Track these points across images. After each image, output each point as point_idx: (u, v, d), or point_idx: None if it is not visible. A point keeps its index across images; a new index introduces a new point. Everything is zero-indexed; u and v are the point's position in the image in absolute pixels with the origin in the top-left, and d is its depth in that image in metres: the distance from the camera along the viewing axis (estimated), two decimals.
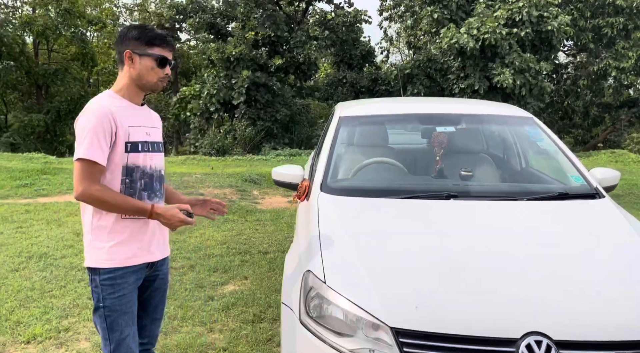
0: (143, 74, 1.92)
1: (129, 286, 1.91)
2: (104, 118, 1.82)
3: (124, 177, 1.88)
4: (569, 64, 19.23)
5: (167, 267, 2.15)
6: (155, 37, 1.92)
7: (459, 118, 3.28)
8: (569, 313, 1.72)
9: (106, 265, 1.87)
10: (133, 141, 1.90)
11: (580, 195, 2.57)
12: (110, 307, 1.88)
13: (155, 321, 2.14)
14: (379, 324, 1.76)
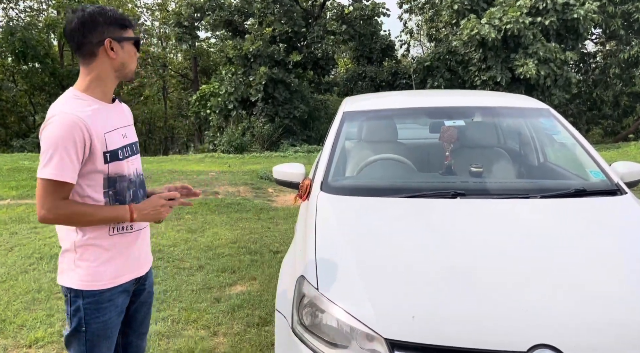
0: (126, 62, 1.69)
1: (116, 308, 1.73)
2: (74, 129, 1.56)
3: (106, 189, 1.66)
4: (597, 53, 18.55)
5: (151, 280, 1.98)
6: (125, 18, 1.69)
7: (469, 111, 3.10)
8: (581, 324, 1.55)
9: (93, 287, 1.67)
10: (112, 149, 1.66)
11: (600, 191, 2.38)
12: (94, 332, 1.69)
13: (141, 335, 1.98)
14: (374, 335, 1.63)
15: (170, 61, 28.06)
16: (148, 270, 1.90)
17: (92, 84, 1.68)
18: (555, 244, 1.95)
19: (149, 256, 1.91)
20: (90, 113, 1.62)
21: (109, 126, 1.68)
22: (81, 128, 1.57)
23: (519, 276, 1.75)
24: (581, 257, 1.86)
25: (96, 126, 1.62)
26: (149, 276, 1.94)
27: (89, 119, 1.61)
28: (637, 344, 1.50)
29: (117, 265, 1.72)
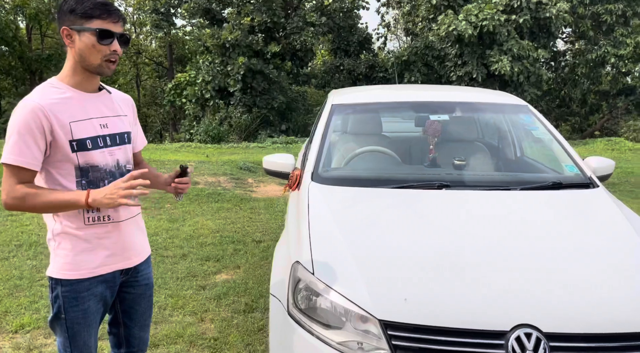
0: (84, 55, 1.62)
1: (94, 297, 1.72)
2: (32, 115, 1.56)
3: (79, 179, 1.65)
4: (567, 52, 19.11)
5: (149, 270, 1.95)
6: (93, 7, 1.60)
7: (453, 106, 3.23)
8: (559, 306, 1.69)
9: (69, 276, 1.67)
10: (79, 138, 1.63)
11: (574, 185, 2.54)
12: (73, 320, 1.70)
13: (143, 327, 1.98)
14: (368, 317, 1.73)
15: (145, 48, 27.47)
16: (139, 262, 1.86)
17: (68, 73, 1.68)
18: (535, 232, 2.09)
19: (141, 249, 1.87)
20: (58, 101, 1.62)
21: (80, 115, 1.66)
22: (39, 116, 1.57)
23: (503, 262, 1.88)
24: (558, 244, 2.00)
25: (61, 114, 1.61)
26: (143, 268, 1.90)
27: (54, 107, 1.60)
28: (608, 322, 1.65)
29: (97, 255, 1.71)
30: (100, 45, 1.62)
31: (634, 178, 8.49)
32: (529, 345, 1.60)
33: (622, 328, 1.63)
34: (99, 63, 1.64)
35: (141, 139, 1.99)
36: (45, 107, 1.58)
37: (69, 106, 1.64)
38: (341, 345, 1.75)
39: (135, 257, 1.84)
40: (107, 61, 1.64)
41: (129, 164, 1.80)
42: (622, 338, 1.63)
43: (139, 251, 1.86)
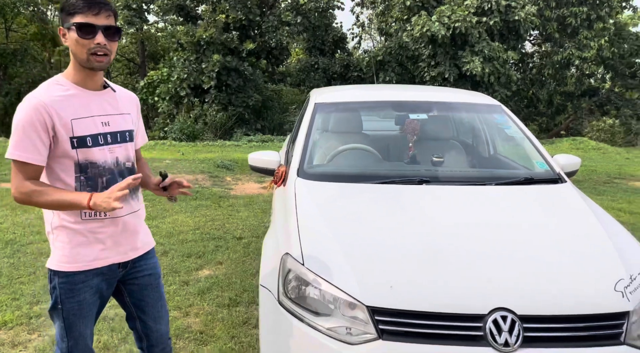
0: (73, 51, 1.65)
1: (90, 289, 1.78)
2: (35, 112, 1.61)
3: (77, 174, 1.69)
4: (534, 54, 19.72)
5: (153, 262, 1.98)
6: (74, 3, 1.62)
7: (431, 106, 3.37)
8: (532, 290, 1.83)
9: (65, 268, 1.73)
10: (79, 136, 1.67)
11: (544, 180, 2.71)
12: (69, 311, 1.77)
13: (159, 320, 1.99)
14: (356, 303, 1.83)
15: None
16: (138, 256, 1.90)
17: (71, 71, 1.72)
18: (508, 223, 2.24)
19: (141, 244, 1.90)
20: (60, 98, 1.66)
21: (82, 112, 1.69)
22: (41, 112, 1.62)
23: (480, 251, 2.01)
24: (530, 234, 2.15)
25: (63, 111, 1.65)
26: (144, 261, 1.94)
27: (56, 103, 1.64)
28: (576, 304, 1.80)
29: (93, 249, 1.75)
30: (82, 39, 1.62)
31: (597, 176, 8.88)
32: (505, 327, 1.74)
33: (588, 310, 1.78)
34: (86, 57, 1.64)
35: (142, 136, 2.02)
36: (48, 104, 1.63)
37: (71, 103, 1.68)
38: (330, 331, 1.85)
39: (132, 251, 1.88)
40: (93, 54, 1.64)
41: (128, 161, 1.84)
42: (588, 319, 1.78)
43: (138, 245, 1.90)
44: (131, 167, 1.85)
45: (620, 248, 2.04)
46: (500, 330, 1.73)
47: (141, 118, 2.02)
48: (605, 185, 8.14)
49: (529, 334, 1.74)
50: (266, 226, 5.43)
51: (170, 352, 2.10)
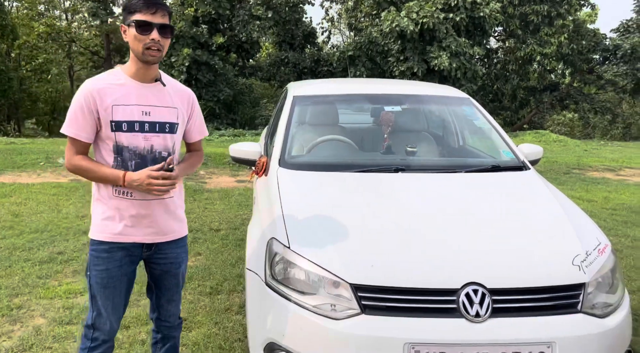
0: (131, 45, 1.84)
1: (114, 261, 1.92)
2: (84, 97, 1.84)
3: (115, 155, 1.88)
4: (499, 49, 20.30)
5: (178, 251, 2.08)
6: (135, 2, 1.81)
7: (405, 98, 3.53)
8: (499, 266, 2.01)
9: (95, 236, 1.94)
10: (117, 120, 1.85)
11: (510, 167, 2.91)
12: (93, 278, 1.93)
13: (170, 301, 2.14)
14: (340, 282, 1.97)
15: (79, 36, 26.13)
16: (161, 242, 1.99)
17: (128, 64, 1.93)
18: (478, 207, 2.42)
19: (167, 230, 1.98)
20: (108, 86, 1.87)
21: (124, 100, 1.87)
22: (86, 96, 1.84)
23: (452, 232, 2.18)
24: (497, 216, 2.34)
25: (107, 97, 1.85)
26: (168, 249, 2.03)
27: (102, 90, 1.85)
28: (540, 277, 1.98)
29: (118, 224, 1.91)
30: (139, 35, 1.81)
31: (558, 167, 9.32)
32: (476, 299, 1.90)
33: (549, 282, 1.97)
34: (141, 51, 1.83)
35: (198, 130, 2.14)
36: (94, 90, 1.85)
37: (116, 91, 1.87)
38: (316, 308, 1.97)
39: (156, 235, 1.98)
40: (148, 48, 1.81)
41: (165, 151, 1.94)
42: (550, 291, 1.96)
43: (163, 231, 1.99)
44: (164, 156, 1.93)
45: (577, 228, 2.25)
46: (472, 303, 1.90)
47: (199, 114, 2.12)
48: (565, 176, 8.57)
49: (497, 305, 1.91)
50: (244, 217, 5.52)
51: (178, 330, 2.25)
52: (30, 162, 8.01)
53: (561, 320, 1.90)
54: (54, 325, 3.01)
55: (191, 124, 2.10)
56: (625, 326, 2.01)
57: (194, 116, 2.10)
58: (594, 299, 1.99)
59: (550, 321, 1.90)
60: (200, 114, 2.15)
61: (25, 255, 4.11)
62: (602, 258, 2.08)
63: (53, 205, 5.70)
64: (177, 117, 1.98)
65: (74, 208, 5.61)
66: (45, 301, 3.31)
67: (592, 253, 2.08)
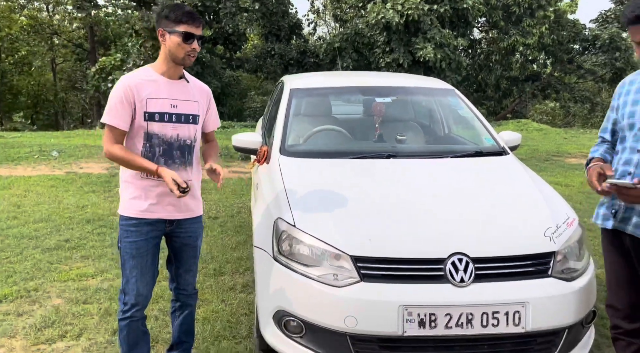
0: (172, 50, 2.13)
1: (141, 235, 2.20)
2: (123, 90, 2.12)
3: (145, 141, 2.17)
4: (482, 40, 20.65)
5: (195, 226, 2.35)
6: (182, 15, 2.11)
7: (394, 90, 3.78)
8: (481, 237, 2.28)
9: (124, 213, 2.22)
10: (150, 111, 2.14)
11: (491, 153, 3.19)
12: (123, 249, 2.22)
13: (187, 271, 2.42)
14: (341, 254, 2.22)
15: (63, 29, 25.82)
16: (181, 218, 2.27)
17: (158, 62, 2.22)
18: (462, 186, 2.70)
19: (185, 209, 2.27)
20: (143, 82, 2.16)
21: (156, 94, 2.16)
22: (126, 90, 2.12)
23: (439, 209, 2.45)
24: (479, 193, 2.62)
25: (142, 91, 2.14)
26: (187, 225, 2.31)
27: (139, 85, 2.14)
28: (517, 246, 2.25)
29: (144, 202, 2.19)
30: (184, 44, 2.12)
31: (538, 154, 9.69)
32: (461, 267, 2.17)
33: (524, 251, 2.25)
34: (183, 56, 2.14)
35: (213, 121, 2.43)
36: (132, 85, 2.14)
37: (150, 86, 2.17)
38: (320, 278, 2.23)
39: (177, 213, 2.26)
40: (188, 55, 2.14)
41: (189, 139, 2.25)
42: (524, 258, 2.24)
43: (183, 209, 2.27)
44: (190, 144, 2.26)
45: (549, 204, 2.54)
46: (457, 270, 2.17)
47: (214, 107, 2.44)
48: (545, 162, 8.93)
49: (479, 272, 2.18)
50: (240, 205, 5.74)
51: (194, 299, 2.50)
52: (24, 155, 8.11)
53: (534, 284, 2.19)
54: (71, 304, 3.23)
55: (208, 116, 2.39)
56: (589, 288, 2.30)
57: (211, 109, 2.41)
58: (563, 265, 2.27)
59: (524, 284, 2.18)
60: (215, 107, 2.44)
61: (34, 243, 4.30)
62: (570, 230, 2.37)
63: (53, 196, 5.86)
64: (199, 110, 2.28)
65: (74, 198, 5.78)
66: (60, 284, 3.52)
67: (561, 226, 2.36)
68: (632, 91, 2.09)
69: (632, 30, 1.93)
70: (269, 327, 2.37)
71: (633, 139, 2.03)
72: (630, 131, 2.05)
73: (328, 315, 2.17)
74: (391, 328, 2.09)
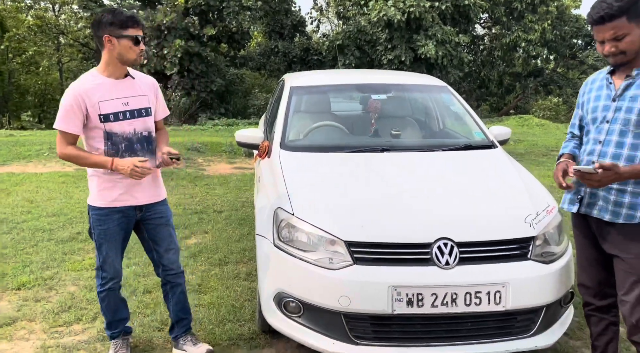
0: (123, 53, 2.32)
1: (113, 222, 2.45)
2: (73, 97, 2.30)
3: (106, 140, 2.38)
4: (485, 36, 20.72)
5: (163, 207, 2.61)
6: (127, 20, 2.30)
7: (389, 87, 3.96)
8: (465, 223, 2.45)
9: (95, 203, 2.45)
10: (105, 113, 2.34)
11: (481, 146, 3.36)
12: (97, 235, 2.48)
13: (169, 250, 2.64)
14: (336, 240, 2.40)
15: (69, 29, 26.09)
16: (149, 203, 2.53)
17: (102, 66, 2.40)
18: (450, 177, 2.88)
19: (151, 194, 2.53)
20: (92, 86, 2.33)
21: (107, 96, 2.35)
22: (76, 97, 2.30)
23: (427, 197, 2.63)
24: (466, 184, 2.79)
25: (93, 96, 2.32)
26: (157, 207, 2.57)
27: (88, 91, 2.32)
28: (498, 231, 2.43)
29: (114, 192, 2.43)
30: (135, 46, 2.35)
31: (538, 149, 9.82)
32: (446, 251, 2.35)
33: (505, 236, 2.42)
34: (135, 58, 2.37)
35: (162, 110, 2.66)
36: (82, 92, 2.33)
37: (98, 90, 2.36)
38: (316, 261, 2.41)
39: (144, 198, 2.51)
40: (140, 56, 2.38)
41: (146, 131, 2.48)
42: (505, 243, 2.41)
43: (149, 195, 2.53)
44: (147, 135, 2.49)
45: (531, 193, 2.71)
46: (442, 253, 2.34)
47: (161, 96, 2.62)
48: (544, 157, 9.07)
49: (463, 255, 2.35)
50: (243, 200, 5.94)
51: (182, 277, 2.73)
52: (34, 153, 8.34)
53: (514, 266, 2.36)
54: (85, 291, 3.44)
55: (157, 106, 2.60)
56: (566, 270, 2.47)
57: (159, 99, 2.61)
58: (542, 249, 2.45)
59: (505, 267, 2.35)
60: (162, 97, 2.66)
61: (48, 236, 4.51)
62: (550, 217, 2.54)
63: (64, 192, 6.09)
64: (149, 102, 2.50)
65: (84, 194, 5.99)
66: (74, 273, 3.73)
67: (541, 213, 2.53)
68: (594, 88, 2.30)
69: (596, 30, 2.08)
70: (270, 308, 2.56)
71: (595, 131, 2.23)
72: (593, 124, 2.25)
73: (324, 296, 2.36)
74: (381, 307, 2.27)
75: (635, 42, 2.04)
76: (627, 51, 2.06)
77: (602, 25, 2.05)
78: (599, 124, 2.21)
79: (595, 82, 2.31)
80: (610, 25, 2.03)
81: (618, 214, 2.12)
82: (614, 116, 2.14)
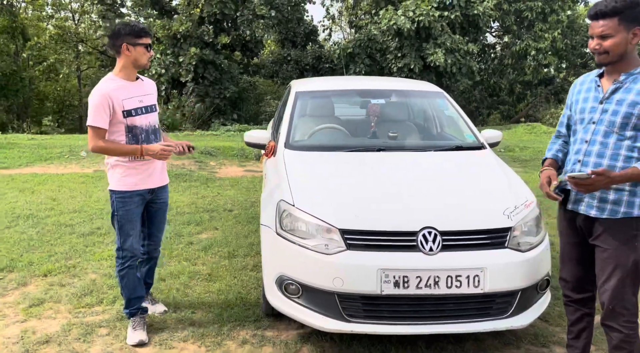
0: (138, 58, 2.80)
1: (133, 203, 2.88)
2: (101, 97, 2.72)
3: (127, 133, 2.82)
4: (496, 45, 20.89)
5: (166, 194, 3.11)
6: (141, 31, 2.78)
7: (388, 93, 4.24)
8: (448, 214, 2.71)
9: (119, 188, 2.87)
10: (127, 109, 2.79)
11: (472, 147, 3.61)
12: (120, 216, 2.88)
13: (160, 231, 3.17)
14: (331, 228, 2.67)
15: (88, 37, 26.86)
16: (160, 187, 3.02)
17: (118, 70, 2.85)
18: (442, 174, 3.15)
19: (160, 179, 3.01)
20: (115, 88, 2.78)
21: (128, 95, 2.80)
22: (104, 96, 2.73)
23: (416, 190, 2.89)
24: (452, 179, 3.06)
25: (117, 95, 2.76)
26: (161, 192, 3.06)
27: (113, 91, 2.76)
28: (479, 222, 2.67)
29: (135, 178, 2.87)
30: (147, 53, 2.86)
31: (542, 156, 9.95)
32: (430, 239, 2.60)
33: (485, 226, 2.66)
34: (146, 63, 2.88)
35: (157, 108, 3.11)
36: (109, 92, 2.79)
37: (122, 90, 2.83)
38: (314, 247, 2.67)
39: (155, 183, 2.98)
40: (148, 61, 2.88)
41: (156, 124, 3.00)
42: (485, 232, 2.65)
43: (160, 179, 3.03)
44: (156, 127, 2.98)
45: (512, 189, 2.96)
46: (427, 241, 2.59)
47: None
48: None
49: (445, 243, 2.60)
50: (253, 200, 6.23)
51: (158, 252, 3.22)
52: (55, 155, 8.75)
53: (492, 253, 2.60)
54: (105, 278, 3.74)
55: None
56: (541, 259, 2.70)
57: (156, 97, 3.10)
58: (519, 239, 2.68)
59: (483, 254, 2.60)
60: None
61: (70, 230, 4.85)
62: (527, 210, 2.78)
63: (84, 191, 6.44)
64: (154, 100, 3.00)
65: (103, 193, 6.33)
66: (95, 263, 4.04)
67: (519, 207, 2.77)
68: (583, 90, 2.44)
69: (590, 25, 2.21)
70: (273, 291, 2.83)
71: (582, 131, 2.37)
72: (581, 124, 2.39)
73: (320, 278, 2.62)
74: (371, 288, 2.53)
75: (619, 44, 2.15)
76: (610, 52, 2.17)
77: (596, 21, 2.17)
78: (586, 124, 2.35)
79: (584, 84, 2.44)
80: (601, 22, 2.14)
81: (603, 209, 2.25)
82: (600, 118, 2.27)
